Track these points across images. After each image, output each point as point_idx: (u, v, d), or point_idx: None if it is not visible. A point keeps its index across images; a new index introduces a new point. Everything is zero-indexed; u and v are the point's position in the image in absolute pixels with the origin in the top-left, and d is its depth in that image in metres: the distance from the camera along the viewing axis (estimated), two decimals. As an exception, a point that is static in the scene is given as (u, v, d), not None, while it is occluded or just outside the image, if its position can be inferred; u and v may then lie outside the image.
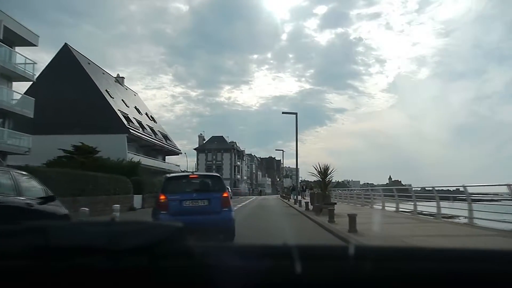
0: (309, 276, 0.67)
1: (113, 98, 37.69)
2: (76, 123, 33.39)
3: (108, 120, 34.38)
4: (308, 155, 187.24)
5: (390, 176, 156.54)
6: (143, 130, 40.01)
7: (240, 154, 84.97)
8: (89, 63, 39.40)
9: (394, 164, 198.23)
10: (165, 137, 49.42)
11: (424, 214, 14.36)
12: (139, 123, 40.86)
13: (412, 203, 14.90)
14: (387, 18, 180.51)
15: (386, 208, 17.98)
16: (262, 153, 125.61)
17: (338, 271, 0.69)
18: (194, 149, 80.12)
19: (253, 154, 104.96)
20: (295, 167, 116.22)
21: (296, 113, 29.44)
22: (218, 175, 9.43)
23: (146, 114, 48.32)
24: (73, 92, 34.14)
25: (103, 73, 42.20)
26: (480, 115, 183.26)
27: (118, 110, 36.24)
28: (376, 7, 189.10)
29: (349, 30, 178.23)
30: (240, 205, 27.01)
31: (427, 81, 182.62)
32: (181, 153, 53.59)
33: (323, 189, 16.04)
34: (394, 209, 16.70)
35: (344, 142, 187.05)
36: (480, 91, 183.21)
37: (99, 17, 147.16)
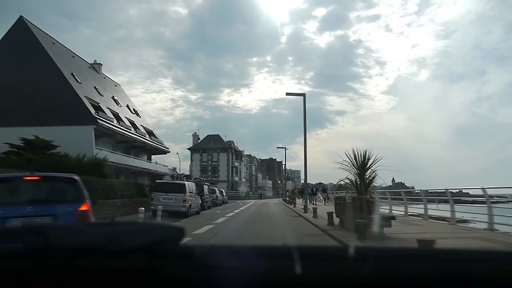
0: (309, 276, 0.67)
1: (80, 83, 31.16)
2: (31, 113, 27.02)
3: (72, 109, 27.88)
4: (309, 157, 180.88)
5: (393, 178, 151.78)
6: (119, 123, 33.42)
7: (238, 154, 78.28)
8: (53, 43, 32.91)
9: (396, 166, 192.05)
10: (150, 133, 42.86)
11: (434, 218, 13.52)
12: (115, 114, 34.30)
13: (418, 206, 14.64)
14: (386, 20, 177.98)
15: (393, 211, 16.56)
16: (262, 156, 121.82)
17: (338, 272, 0.69)
18: (188, 148, 73.39)
19: (252, 155, 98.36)
20: (296, 169, 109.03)
21: (304, 94, 22.98)
22: (74, 177, 6.18)
23: (128, 106, 41.77)
24: (28, 76, 27.72)
25: (73, 56, 35.70)
26: (480, 116, 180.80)
27: (85, 97, 29.70)
28: (375, 9, 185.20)
29: (348, 32, 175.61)
30: (232, 214, 20.40)
31: (427, 82, 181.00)
32: (169, 152, 47.05)
33: (363, 191, 9.43)
34: (402, 213, 15.47)
35: (345, 145, 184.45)
36: (480, 92, 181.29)
37: (98, 21, 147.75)
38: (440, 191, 14.81)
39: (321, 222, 12.59)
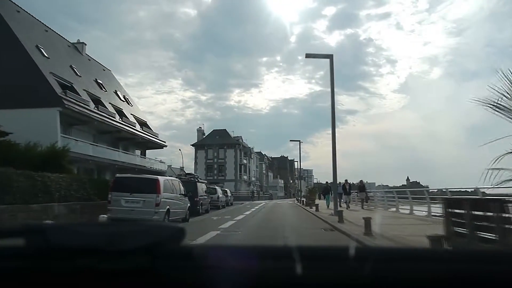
0: (310, 277, 0.67)
1: (48, 58, 25.20)
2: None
3: (31, 88, 21.92)
4: (320, 157, 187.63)
5: (408, 177, 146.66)
6: (97, 107, 27.38)
7: (247, 151, 71.92)
8: (18, 11, 27.01)
9: (409, 165, 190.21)
10: (143, 124, 36.79)
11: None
12: (95, 99, 28.32)
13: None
14: (397, 18, 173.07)
15: (414, 212, 16.34)
16: (273, 156, 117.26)
17: (339, 272, 0.69)
18: (192, 145, 67.12)
19: (263, 153, 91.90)
20: (309, 169, 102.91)
21: (331, 56, 16.61)
22: None
23: (116, 92, 35.75)
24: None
25: (46, 30, 29.75)
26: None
27: (51, 73, 23.69)
28: (385, 7, 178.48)
29: (358, 31, 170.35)
30: (231, 222, 14.06)
31: (439, 81, 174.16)
32: (165, 146, 40.82)
33: None
34: (425, 213, 15.06)
35: (357, 144, 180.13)
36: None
37: (108, 23, 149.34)
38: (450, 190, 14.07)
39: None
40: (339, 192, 18.63)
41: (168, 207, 12.96)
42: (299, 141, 42.26)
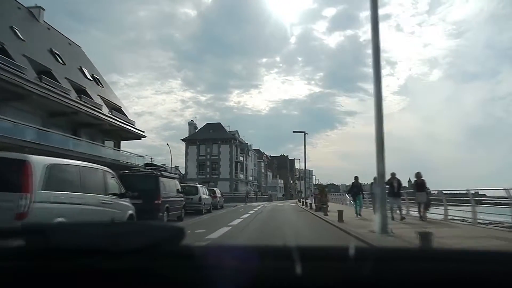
0: (309, 277, 0.67)
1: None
2: None
3: None
4: (319, 159, 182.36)
5: (409, 179, 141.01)
6: (39, 79, 20.67)
7: (244, 147, 65.23)
8: None
9: (410, 167, 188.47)
10: (116, 109, 30.16)
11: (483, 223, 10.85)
12: (42, 70, 21.68)
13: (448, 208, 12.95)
14: (397, 20, 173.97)
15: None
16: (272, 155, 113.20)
17: (339, 272, 0.69)
18: (182, 139, 60.24)
19: (261, 151, 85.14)
20: (309, 169, 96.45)
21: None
22: None
23: (81, 69, 29.10)
24: None
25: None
26: (494, 117, 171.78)
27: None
28: (386, 9, 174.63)
29: (358, 32, 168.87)
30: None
31: (439, 82, 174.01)
32: (144, 136, 34.12)
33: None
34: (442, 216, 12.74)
35: (356, 146, 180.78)
36: (494, 92, 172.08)
37: (108, 23, 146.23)
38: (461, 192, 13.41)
39: None
40: (372, 192, 12.00)
41: (60, 220, 6.31)
42: (304, 132, 35.50)
